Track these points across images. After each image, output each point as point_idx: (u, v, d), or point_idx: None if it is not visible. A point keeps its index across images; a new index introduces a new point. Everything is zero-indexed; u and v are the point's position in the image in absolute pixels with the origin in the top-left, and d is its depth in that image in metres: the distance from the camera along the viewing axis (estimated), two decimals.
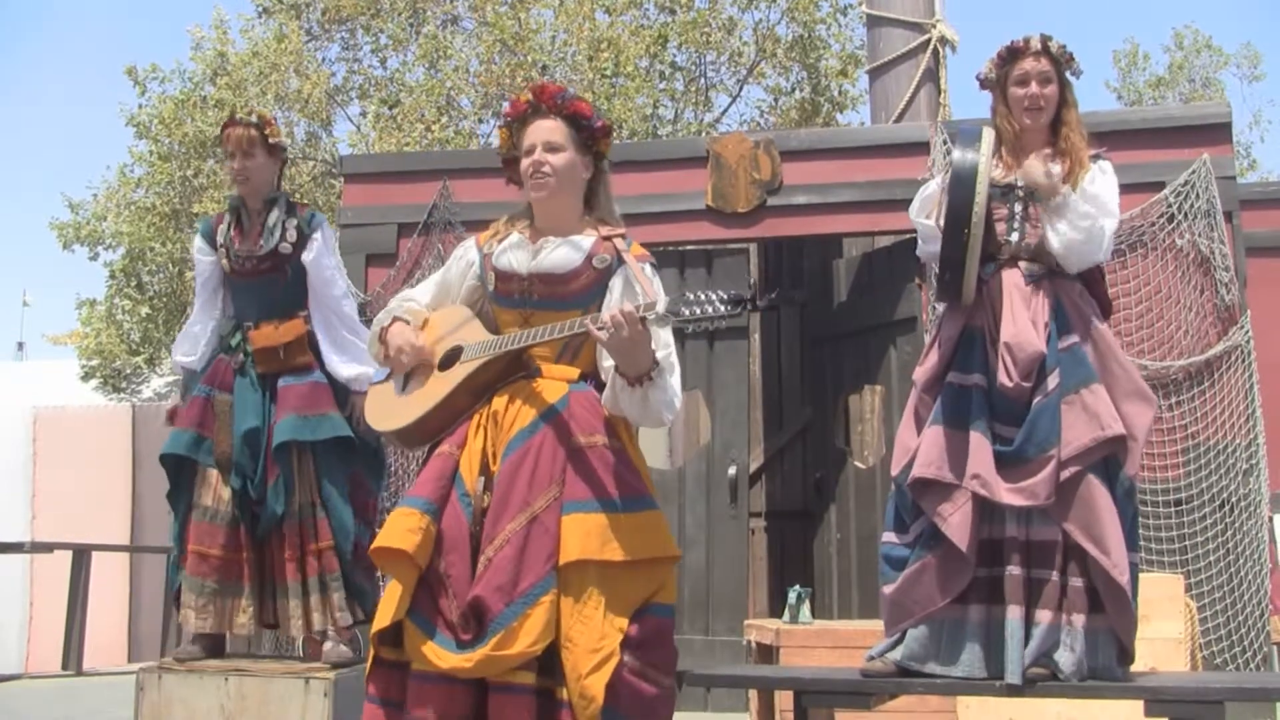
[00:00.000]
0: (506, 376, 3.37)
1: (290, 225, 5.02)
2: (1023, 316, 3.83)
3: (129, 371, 16.36)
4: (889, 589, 3.88)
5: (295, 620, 4.83)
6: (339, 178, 11.05)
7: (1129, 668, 3.85)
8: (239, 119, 5.09)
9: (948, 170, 3.86)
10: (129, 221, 16.28)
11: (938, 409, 3.89)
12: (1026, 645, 3.68)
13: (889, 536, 3.97)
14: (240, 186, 5.09)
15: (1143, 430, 3.85)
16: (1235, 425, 6.54)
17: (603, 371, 3.33)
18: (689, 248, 7.73)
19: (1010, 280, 3.90)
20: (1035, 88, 3.98)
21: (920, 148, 7.17)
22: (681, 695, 7.09)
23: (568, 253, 3.41)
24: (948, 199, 3.78)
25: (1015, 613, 3.69)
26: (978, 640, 3.77)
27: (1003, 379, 3.79)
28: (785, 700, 5.02)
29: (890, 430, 7.35)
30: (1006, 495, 3.72)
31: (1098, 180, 3.90)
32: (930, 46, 8.79)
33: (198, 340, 5.13)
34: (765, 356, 8.69)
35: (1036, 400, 3.78)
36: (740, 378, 7.64)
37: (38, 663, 10.97)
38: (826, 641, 5.76)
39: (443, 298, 3.61)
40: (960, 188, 3.73)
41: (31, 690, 7.64)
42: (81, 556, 9.05)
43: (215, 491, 4.90)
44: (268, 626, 5.02)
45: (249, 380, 4.96)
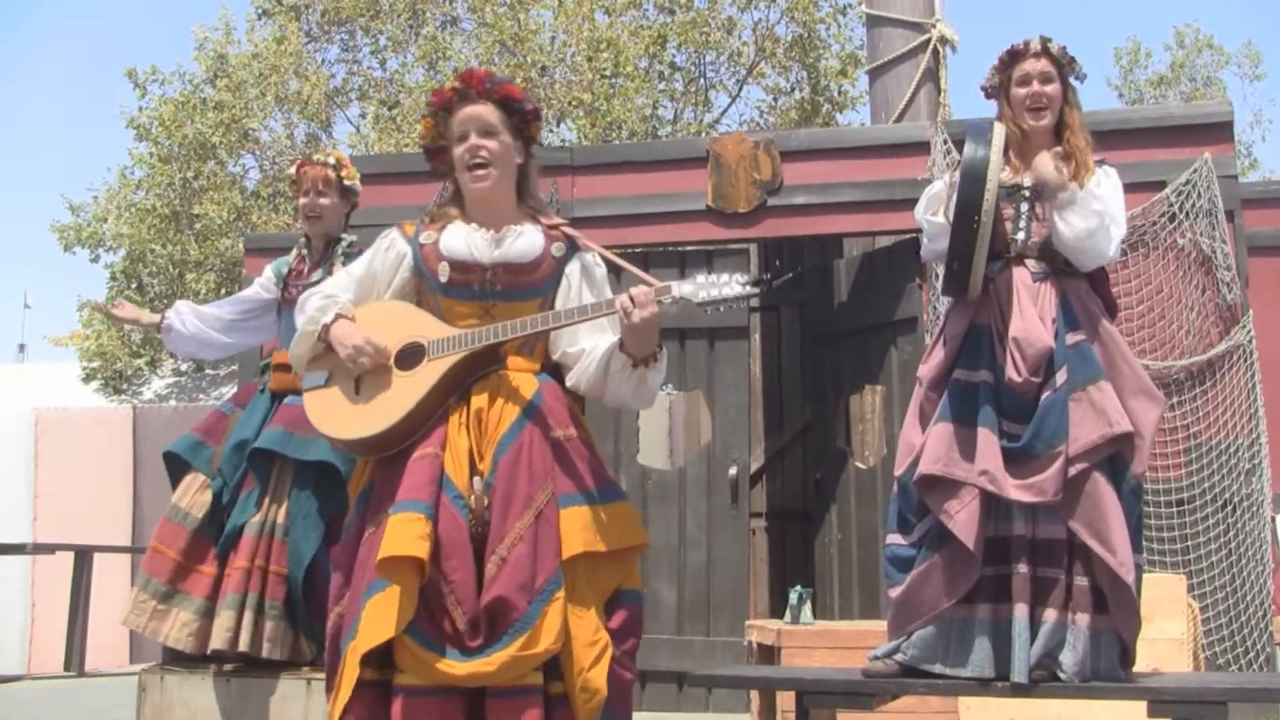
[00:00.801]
0: (478, 371, 3.28)
1: (338, 261, 5.05)
2: (1031, 312, 3.83)
3: (130, 373, 16.33)
4: (895, 591, 3.87)
5: (223, 634, 4.62)
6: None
7: (1131, 669, 3.84)
8: (315, 159, 5.15)
9: (956, 167, 3.88)
10: (129, 223, 16.29)
11: (944, 405, 3.88)
12: (1032, 644, 3.68)
13: (893, 538, 3.95)
14: (308, 225, 5.15)
15: (1150, 428, 3.85)
16: (1237, 425, 6.54)
17: (564, 355, 3.35)
18: (689, 248, 7.72)
19: (1018, 278, 3.90)
20: (1037, 86, 3.99)
21: (920, 148, 7.17)
22: (682, 696, 7.18)
23: (529, 240, 3.36)
24: (958, 189, 3.79)
25: (1022, 611, 3.69)
26: (986, 640, 3.76)
27: (1011, 374, 3.78)
28: (787, 701, 5.02)
29: (891, 430, 7.34)
30: (1014, 492, 3.71)
31: (1103, 183, 3.92)
32: (930, 46, 8.78)
33: (200, 317, 5.16)
34: (766, 356, 8.70)
35: (1045, 396, 3.77)
36: (741, 378, 7.63)
37: (40, 664, 10.99)
38: (828, 642, 5.76)
39: (367, 293, 3.44)
40: (971, 178, 3.74)
41: (34, 691, 7.64)
42: (83, 558, 9.05)
43: (193, 497, 4.87)
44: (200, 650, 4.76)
45: (264, 396, 4.98)
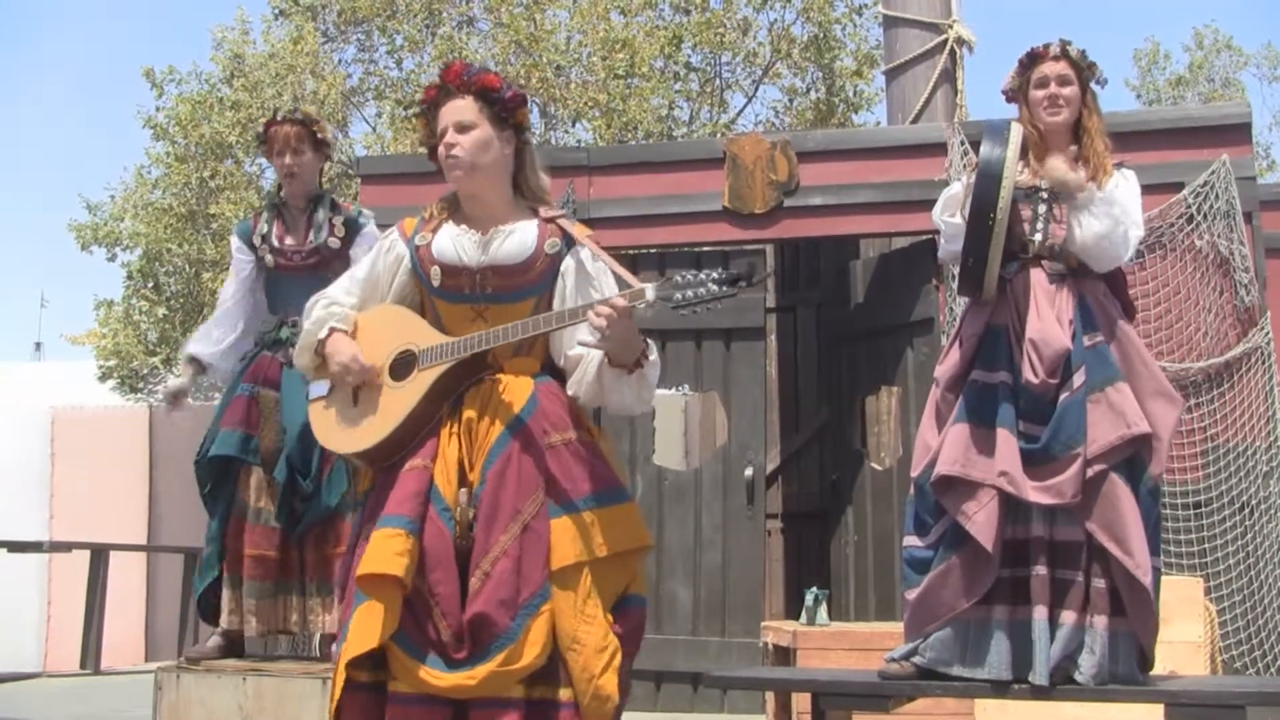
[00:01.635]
0: (469, 378, 3.21)
1: (337, 222, 5.03)
2: (1048, 313, 3.83)
3: (146, 372, 16.41)
4: (912, 593, 3.86)
5: (315, 618, 4.83)
6: (355, 179, 11.06)
7: (1149, 673, 3.83)
8: (285, 116, 5.08)
9: (972, 167, 3.88)
10: (146, 222, 16.33)
11: (961, 406, 3.87)
12: (1051, 646, 3.67)
13: (910, 540, 3.95)
14: (287, 184, 5.08)
15: (1168, 429, 3.84)
16: (1255, 427, 6.51)
17: (565, 360, 3.23)
18: (705, 249, 7.72)
19: (1035, 279, 3.90)
20: (1054, 88, 3.99)
21: (937, 149, 7.16)
22: (697, 697, 7.18)
23: (520, 241, 3.25)
24: (974, 188, 3.80)
25: (1041, 613, 3.68)
26: (1004, 642, 3.75)
27: (1028, 375, 3.78)
28: (802, 702, 5.01)
29: (907, 431, 7.33)
30: (1033, 494, 3.70)
31: (1121, 185, 3.92)
32: (947, 47, 8.76)
33: (219, 342, 5.09)
34: (782, 357, 8.68)
35: (1063, 397, 3.77)
36: (757, 379, 7.62)
37: (56, 662, 11.03)
38: (844, 643, 5.75)
39: (369, 296, 3.38)
40: (987, 176, 3.75)
41: (50, 689, 7.66)
42: (99, 556, 9.06)
43: (265, 492, 4.86)
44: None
45: (297, 375, 4.96)
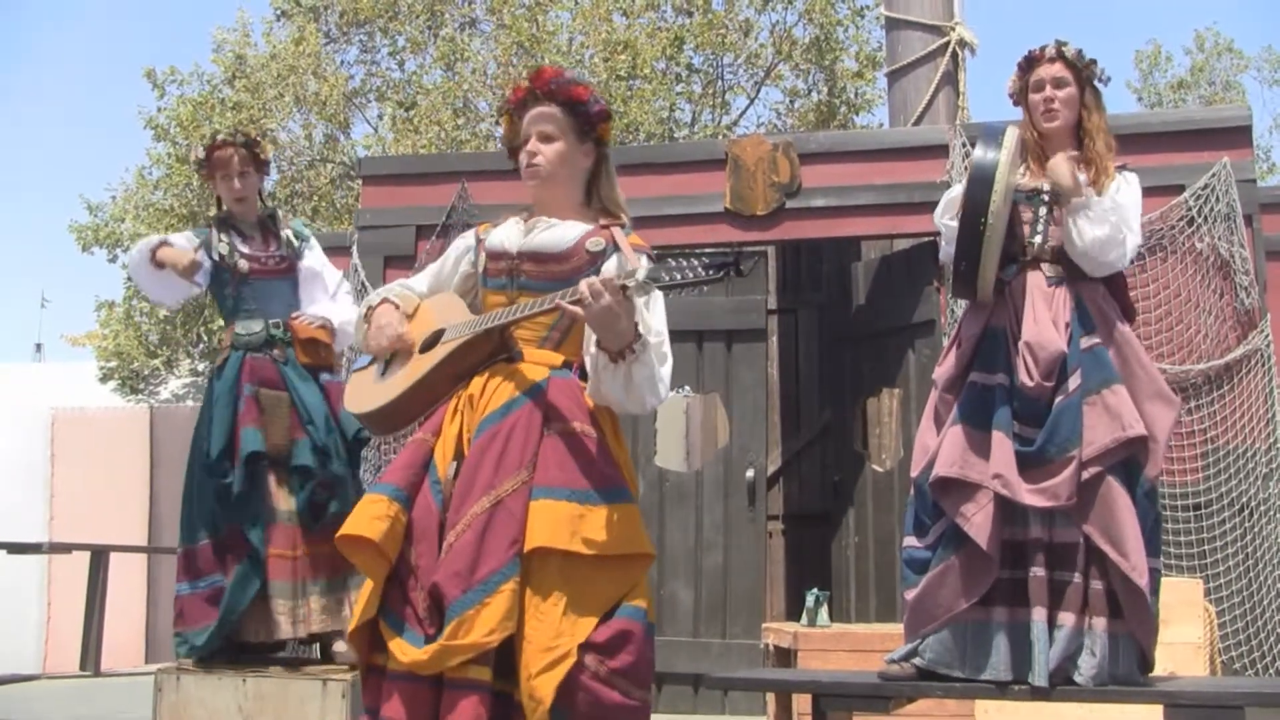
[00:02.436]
0: (488, 359, 3.23)
1: (288, 235, 5.23)
2: (1044, 316, 3.83)
3: (147, 373, 16.39)
4: (911, 593, 3.87)
5: (316, 616, 4.87)
6: (357, 180, 11.07)
7: (1149, 674, 3.84)
8: (225, 139, 5.12)
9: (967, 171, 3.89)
10: (147, 223, 16.30)
11: (959, 408, 3.88)
12: (1050, 648, 3.67)
13: (910, 540, 3.95)
14: (236, 207, 5.16)
15: (1164, 431, 3.84)
16: (1255, 429, 6.51)
17: (588, 358, 3.17)
18: (707, 250, 7.72)
19: (1032, 281, 3.91)
20: (1049, 91, 4.01)
21: (939, 150, 7.16)
22: (698, 698, 7.17)
23: (560, 232, 3.27)
24: (965, 191, 3.80)
25: (1040, 615, 3.69)
26: (1004, 644, 3.76)
27: (1023, 378, 3.79)
28: (803, 703, 5.02)
29: (908, 433, 7.33)
30: (1028, 496, 3.71)
31: (1123, 189, 3.92)
32: (949, 49, 8.76)
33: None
34: (783, 359, 8.68)
35: (1058, 400, 3.78)
36: (758, 380, 7.63)
37: (56, 663, 11.02)
38: (844, 645, 5.75)
39: (438, 285, 3.49)
40: (978, 180, 3.75)
41: (50, 690, 7.66)
42: (99, 557, 9.06)
43: (283, 491, 4.93)
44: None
45: (299, 373, 5.00)
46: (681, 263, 3.13)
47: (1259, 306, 6.60)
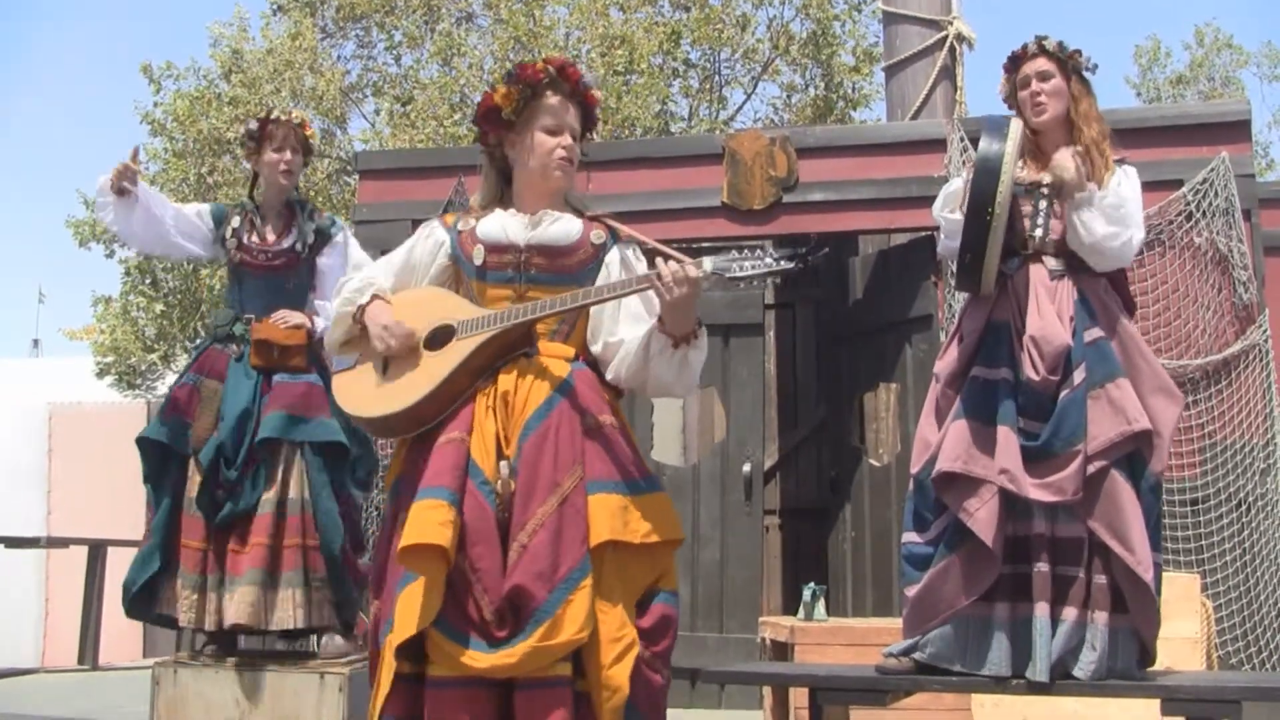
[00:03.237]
0: (506, 354, 3.20)
1: (309, 228, 5.12)
2: (1048, 310, 3.82)
3: (144, 368, 16.36)
4: (912, 589, 3.85)
5: (285, 611, 4.80)
6: (354, 175, 11.06)
7: (1149, 669, 3.84)
8: (278, 116, 5.11)
9: (973, 163, 3.88)
10: None
11: (962, 402, 3.87)
12: (1052, 642, 3.67)
13: (910, 536, 3.94)
14: (284, 179, 5.14)
15: (1169, 426, 3.84)
16: (1252, 424, 6.51)
17: (604, 346, 3.25)
18: (704, 245, 7.71)
19: (1035, 275, 3.90)
20: (1035, 85, 4.02)
21: (937, 145, 7.15)
22: (695, 692, 7.17)
23: (565, 226, 3.31)
24: (972, 183, 3.79)
25: (1043, 610, 3.68)
26: (1005, 639, 3.75)
27: (1029, 372, 3.78)
28: (800, 698, 5.01)
29: (906, 428, 7.34)
30: (1033, 491, 3.70)
31: (1124, 184, 3.91)
32: (947, 44, 8.75)
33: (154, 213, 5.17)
34: (780, 354, 8.68)
35: (1063, 394, 3.77)
36: (755, 375, 7.63)
37: (54, 657, 11.01)
38: (841, 639, 5.75)
39: (406, 280, 3.43)
40: (985, 171, 3.74)
41: (47, 685, 7.64)
42: (97, 551, 9.05)
43: (196, 482, 4.89)
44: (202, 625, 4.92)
45: (243, 368, 4.98)
46: (748, 250, 3.13)
47: (1257, 302, 6.60)
